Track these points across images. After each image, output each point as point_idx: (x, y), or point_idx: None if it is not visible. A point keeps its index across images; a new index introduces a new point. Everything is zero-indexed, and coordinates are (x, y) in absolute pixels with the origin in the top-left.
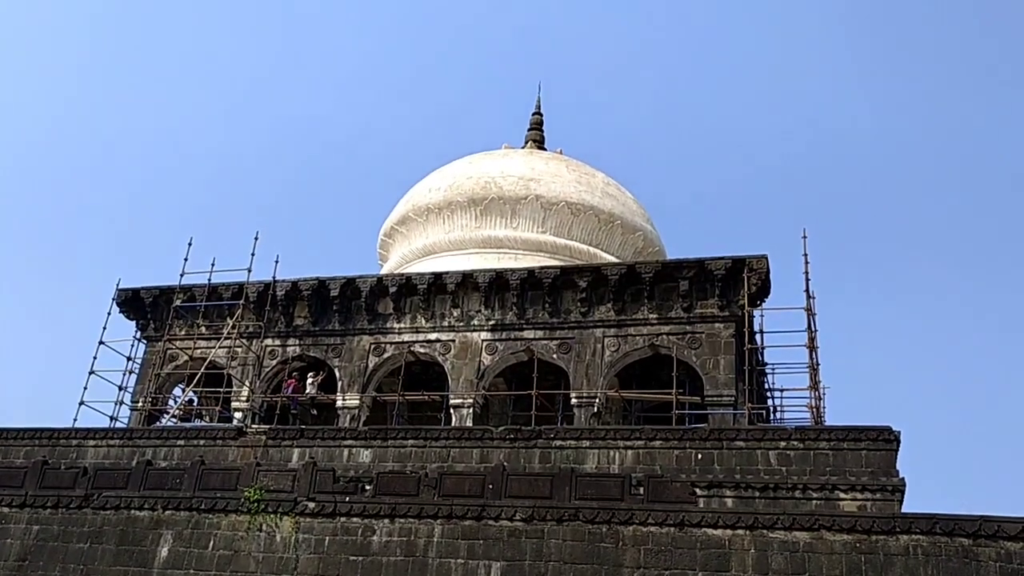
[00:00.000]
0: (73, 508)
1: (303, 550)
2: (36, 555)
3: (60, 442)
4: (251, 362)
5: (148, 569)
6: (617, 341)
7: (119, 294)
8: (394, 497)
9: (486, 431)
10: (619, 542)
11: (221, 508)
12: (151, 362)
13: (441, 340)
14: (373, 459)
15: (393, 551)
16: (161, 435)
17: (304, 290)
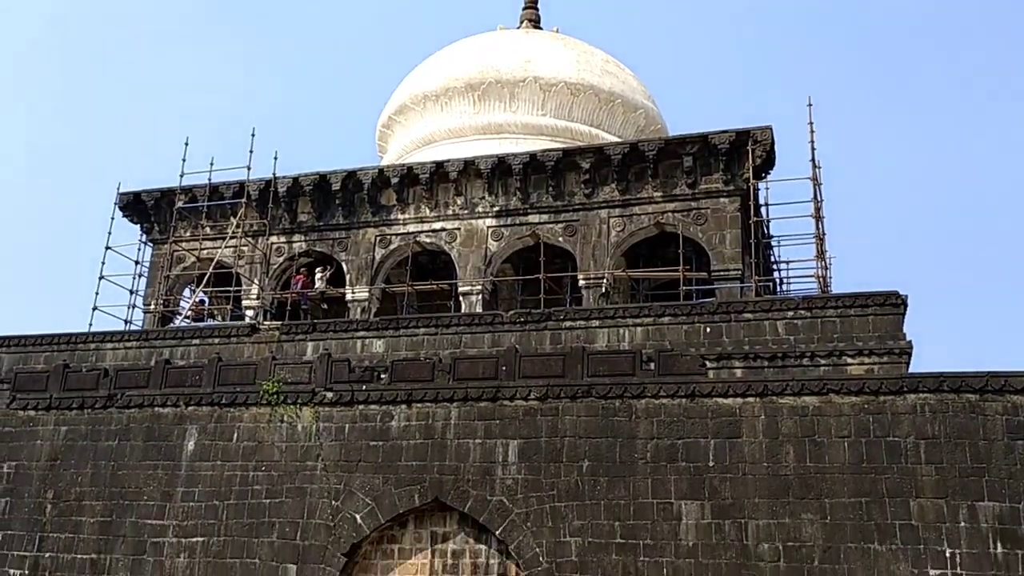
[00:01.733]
0: (98, 408)
1: (325, 438)
2: (67, 454)
3: (79, 346)
4: (258, 260)
5: (176, 462)
6: (622, 221)
7: (120, 198)
8: (410, 383)
9: (496, 316)
10: (632, 415)
11: (242, 402)
12: (159, 265)
13: (446, 229)
14: (386, 349)
15: (412, 435)
16: (176, 335)
17: (305, 185)
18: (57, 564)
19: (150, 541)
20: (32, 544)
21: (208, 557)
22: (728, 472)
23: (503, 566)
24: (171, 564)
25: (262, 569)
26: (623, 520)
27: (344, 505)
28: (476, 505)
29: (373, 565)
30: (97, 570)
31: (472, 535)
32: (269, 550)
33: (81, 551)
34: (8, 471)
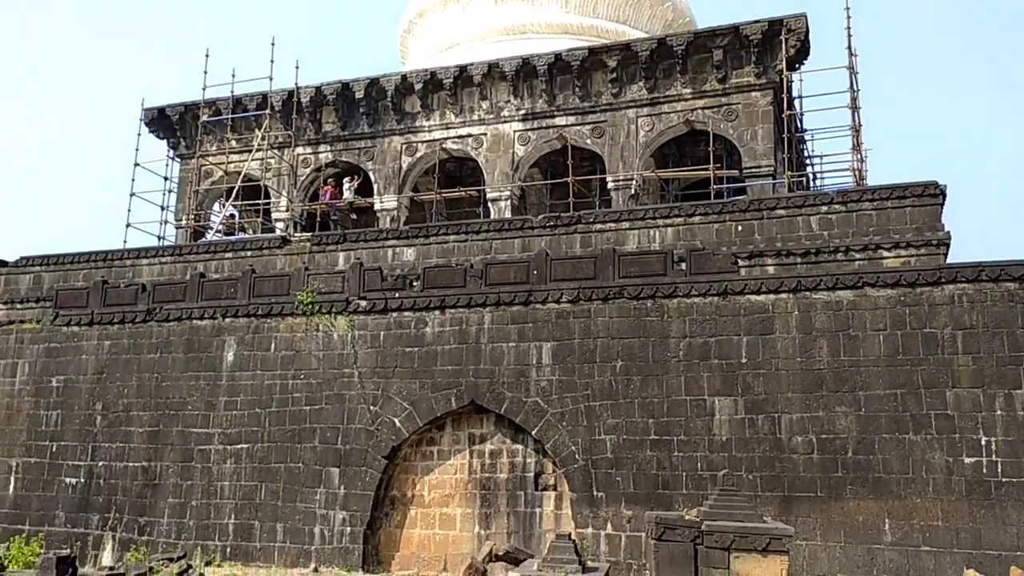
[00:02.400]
0: (138, 323)
1: (360, 345)
2: (112, 368)
3: (115, 263)
4: (285, 172)
5: (217, 372)
6: (651, 120)
7: (145, 113)
8: (442, 289)
9: (526, 221)
10: (664, 314)
11: (277, 312)
12: (187, 180)
13: (472, 134)
14: (417, 256)
15: (447, 340)
16: (209, 249)
17: (329, 94)
18: (110, 472)
19: (197, 449)
20: (86, 454)
21: (253, 462)
22: (761, 368)
23: (540, 464)
24: (218, 470)
25: (306, 473)
26: (657, 417)
27: (383, 410)
28: (512, 407)
29: (413, 466)
30: (148, 477)
31: (509, 435)
32: (312, 454)
33: (132, 459)
34: (58, 384)
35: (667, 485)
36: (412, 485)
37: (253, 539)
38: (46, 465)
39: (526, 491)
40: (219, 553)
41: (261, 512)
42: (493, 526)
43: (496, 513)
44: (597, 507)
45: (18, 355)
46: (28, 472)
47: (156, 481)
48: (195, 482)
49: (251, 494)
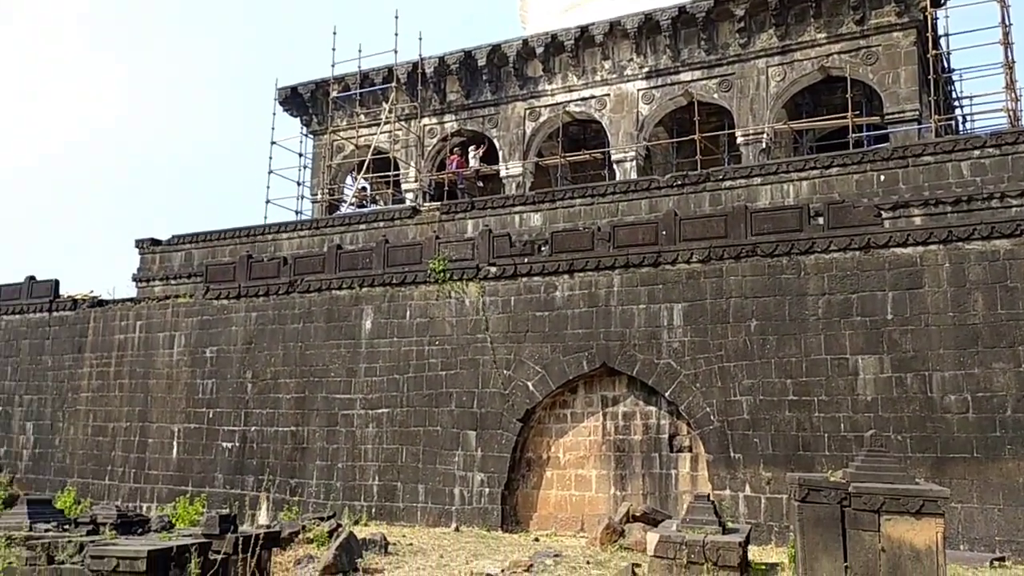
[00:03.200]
0: (282, 294)
1: (491, 311)
2: (259, 337)
3: (257, 238)
4: (413, 143)
5: (357, 340)
6: (782, 70)
7: (279, 93)
8: (570, 253)
9: (652, 181)
10: (801, 271)
11: (411, 281)
12: (321, 155)
13: (595, 96)
14: (544, 221)
15: (576, 303)
16: (344, 222)
17: (452, 64)
18: (262, 436)
19: (340, 413)
20: (239, 419)
21: (394, 426)
22: (908, 324)
23: (674, 426)
24: (361, 434)
25: (444, 436)
26: (795, 377)
27: (515, 374)
28: (644, 368)
29: (547, 429)
30: (297, 441)
31: (641, 397)
32: (449, 418)
33: (281, 424)
34: (211, 355)
35: (808, 446)
36: (547, 447)
37: (396, 500)
38: (204, 430)
39: (660, 453)
40: (365, 513)
41: (403, 474)
42: (628, 487)
43: (631, 474)
44: (734, 469)
45: (175, 328)
46: (189, 437)
47: (304, 445)
48: (340, 445)
49: (393, 457)
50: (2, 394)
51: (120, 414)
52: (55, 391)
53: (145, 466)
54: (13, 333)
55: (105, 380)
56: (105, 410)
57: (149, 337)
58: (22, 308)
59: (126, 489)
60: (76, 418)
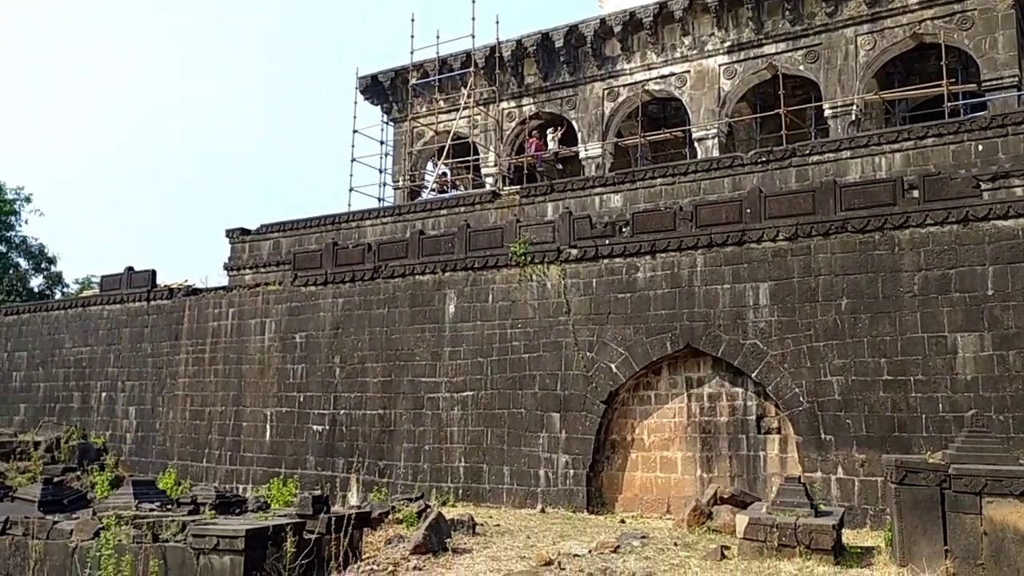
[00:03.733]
0: (367, 280)
1: (573, 293)
2: (345, 323)
3: (342, 225)
4: (491, 128)
5: (441, 324)
6: (872, 38)
7: (359, 82)
8: (652, 234)
9: (735, 158)
10: (895, 247)
11: (493, 264)
12: (401, 142)
13: (675, 73)
14: (624, 202)
15: (659, 284)
16: (425, 207)
17: (529, 46)
18: (351, 419)
19: (426, 397)
20: (328, 403)
21: (478, 409)
22: (1011, 300)
23: (761, 407)
24: (447, 416)
25: (528, 418)
26: (889, 357)
27: (598, 356)
28: (729, 349)
29: (631, 410)
30: (384, 424)
31: (727, 378)
32: (533, 400)
33: (369, 407)
34: (300, 340)
35: (903, 427)
36: (631, 429)
37: (482, 481)
38: (295, 414)
39: (748, 434)
40: (452, 494)
41: (488, 456)
42: (715, 469)
43: (717, 456)
44: (826, 450)
45: (265, 314)
46: (281, 420)
47: (391, 427)
48: (426, 428)
49: (478, 439)
50: (106, 380)
51: (215, 398)
52: (155, 377)
53: (240, 448)
54: (115, 322)
55: (201, 366)
56: (201, 395)
57: (241, 324)
58: (122, 298)
59: (223, 471)
60: (175, 403)
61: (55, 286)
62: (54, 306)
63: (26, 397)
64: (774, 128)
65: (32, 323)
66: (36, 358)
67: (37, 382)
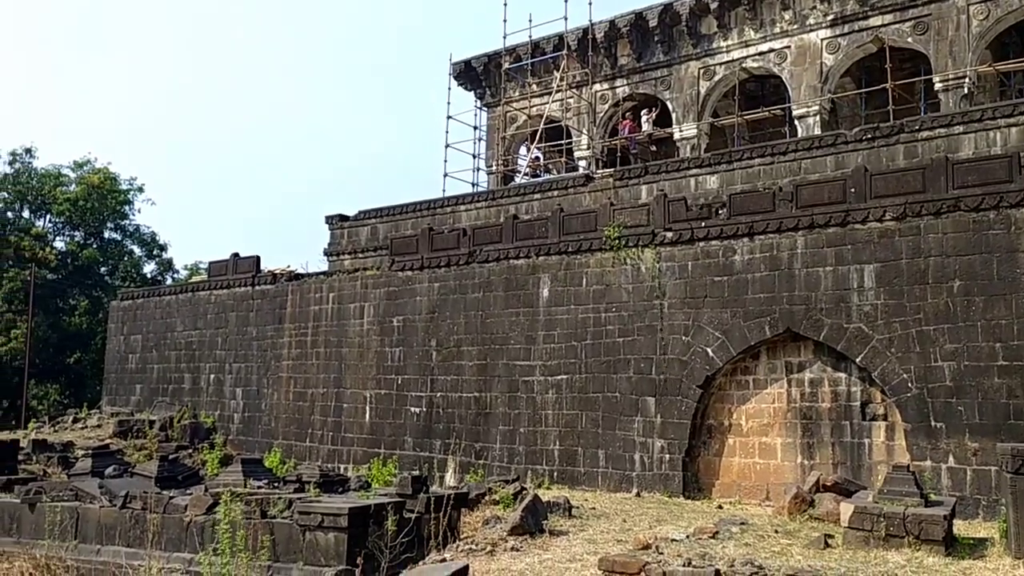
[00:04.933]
0: (462, 265)
1: (668, 277)
2: (441, 307)
3: (437, 210)
4: (584, 110)
5: (535, 308)
6: (985, 7)
7: (453, 68)
8: (750, 216)
9: (838, 136)
10: (1011, 226)
11: (586, 248)
12: (494, 127)
13: (774, 49)
14: (721, 183)
15: (757, 267)
16: (519, 192)
17: (622, 27)
18: (447, 402)
19: (521, 380)
20: (425, 386)
21: (573, 392)
22: None
23: (866, 393)
24: (541, 399)
25: (623, 402)
26: (1005, 341)
27: (694, 340)
28: (831, 333)
29: (728, 395)
30: (480, 406)
31: (830, 363)
32: (627, 384)
33: (465, 390)
34: (398, 324)
35: (1020, 415)
36: (728, 414)
37: (577, 464)
38: (394, 396)
39: (851, 421)
40: (547, 477)
41: (583, 439)
42: (817, 456)
43: (819, 443)
44: (936, 438)
45: (364, 299)
46: (380, 403)
47: (487, 410)
48: (521, 411)
49: (573, 422)
50: (215, 362)
51: (317, 380)
52: (260, 359)
53: (341, 429)
54: (222, 306)
55: (303, 349)
56: (304, 376)
57: (341, 308)
58: (229, 283)
59: (324, 450)
60: (279, 384)
61: (166, 272)
62: (166, 291)
63: (141, 378)
64: (880, 103)
65: (146, 307)
66: (150, 341)
67: (151, 364)
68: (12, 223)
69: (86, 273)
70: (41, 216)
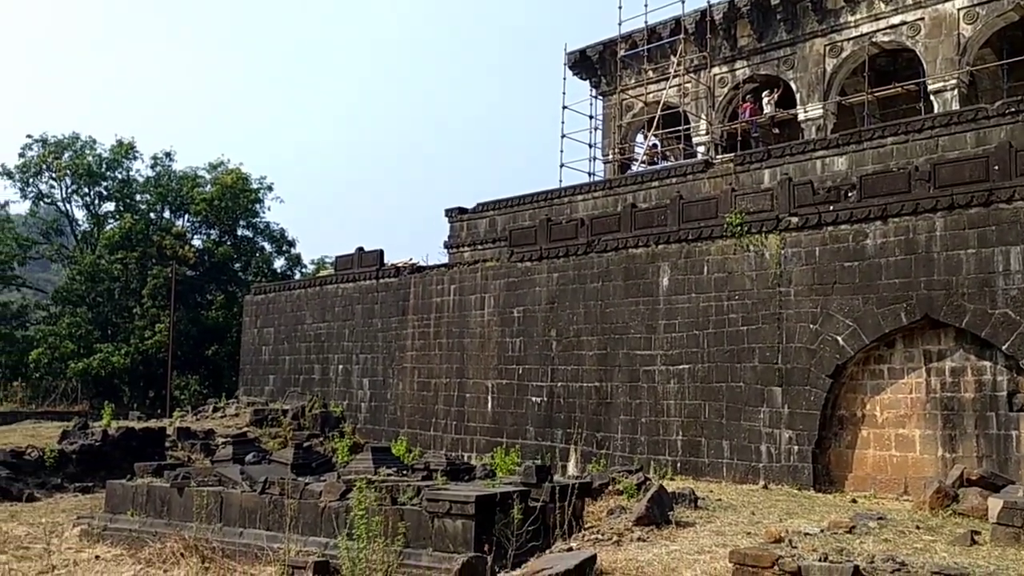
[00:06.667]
0: (580, 255)
1: (793, 264)
2: (560, 297)
3: (554, 201)
4: (703, 95)
5: (655, 297)
6: None
7: (568, 57)
8: (883, 198)
9: (979, 111)
10: None
11: (707, 236)
12: (610, 116)
13: (907, 21)
14: (849, 165)
15: (891, 251)
16: (636, 180)
17: (742, 6)
18: (568, 392)
19: (642, 370)
20: (546, 375)
21: (695, 382)
22: None
23: (1014, 383)
24: (663, 389)
25: (747, 392)
26: None
27: (823, 328)
28: (975, 319)
29: (861, 385)
30: (601, 396)
31: (973, 351)
32: (752, 374)
33: (585, 380)
34: (518, 315)
35: None
36: (861, 404)
37: (700, 455)
38: (515, 386)
39: (997, 412)
40: (670, 467)
41: (706, 430)
42: (959, 449)
43: (962, 435)
44: None
45: (484, 290)
46: (501, 392)
47: (608, 400)
48: (643, 401)
49: (695, 412)
50: (342, 353)
51: (440, 371)
52: (385, 350)
53: (464, 419)
54: (348, 299)
55: (426, 340)
56: (427, 367)
57: (462, 299)
58: (354, 276)
59: (448, 439)
60: (403, 374)
61: (295, 267)
62: (295, 285)
63: (274, 369)
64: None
65: (277, 301)
66: (281, 333)
67: (283, 355)
68: (155, 223)
69: (221, 269)
70: (180, 216)
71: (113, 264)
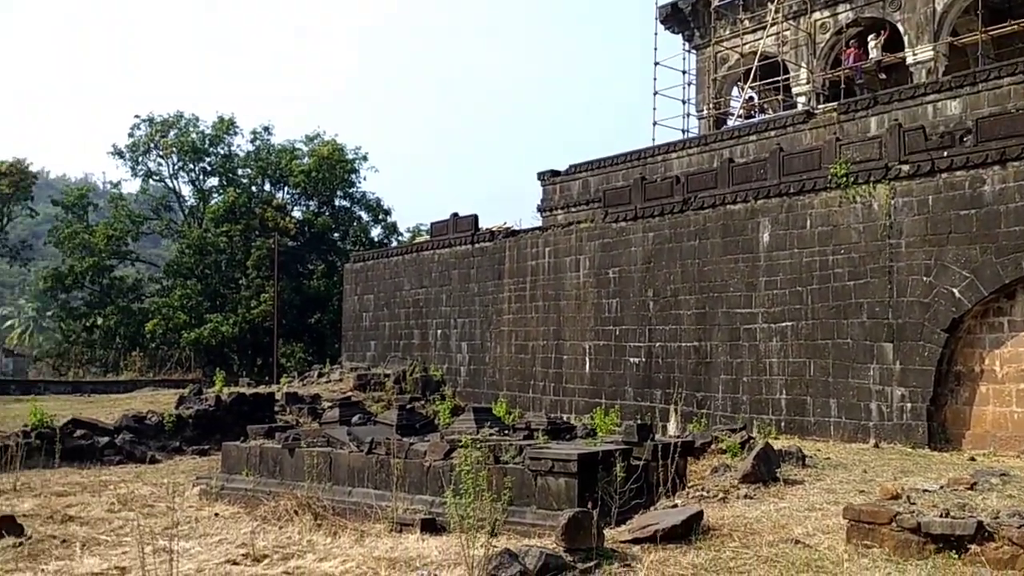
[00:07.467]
0: (676, 213)
1: (904, 214)
2: (657, 256)
3: (648, 160)
4: (802, 43)
5: (755, 254)
6: None
7: (659, 11)
8: (1002, 141)
9: None
10: None
11: (810, 189)
12: (704, 70)
13: None
14: (964, 108)
15: (1011, 197)
16: (733, 135)
17: None
18: (666, 352)
19: (742, 328)
20: (643, 336)
21: (799, 340)
22: None
23: None
24: (764, 348)
25: (855, 348)
26: None
27: (937, 280)
28: None
29: (979, 339)
30: (700, 356)
31: None
32: (860, 330)
33: (684, 340)
34: (614, 276)
35: None
36: (979, 359)
37: (806, 414)
38: (612, 347)
39: None
40: (773, 427)
41: (812, 388)
42: None
43: None
44: None
45: (579, 252)
46: (598, 354)
47: (707, 359)
48: (744, 360)
49: (799, 371)
50: (440, 318)
51: (537, 333)
52: (482, 314)
53: (562, 380)
54: (445, 264)
55: (522, 303)
56: (524, 330)
57: (557, 262)
58: (450, 242)
59: (547, 400)
60: (501, 338)
61: (391, 235)
62: (392, 252)
63: (375, 335)
64: None
65: (376, 269)
66: (381, 300)
67: (383, 321)
68: (256, 196)
69: (321, 239)
70: (280, 188)
71: (219, 237)
